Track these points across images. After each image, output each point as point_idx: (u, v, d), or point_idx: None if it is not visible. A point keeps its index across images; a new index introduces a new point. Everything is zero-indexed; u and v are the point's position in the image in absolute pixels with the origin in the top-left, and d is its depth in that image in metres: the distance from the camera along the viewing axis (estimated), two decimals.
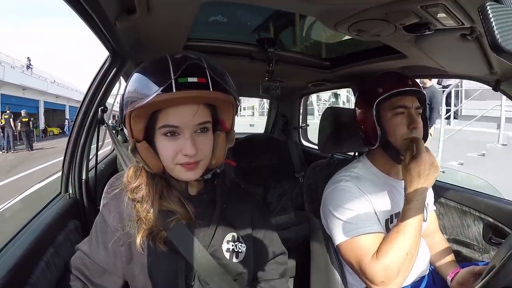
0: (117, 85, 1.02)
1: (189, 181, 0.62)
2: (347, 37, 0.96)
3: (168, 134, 0.55)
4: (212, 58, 0.58)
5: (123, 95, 0.57)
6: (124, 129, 0.59)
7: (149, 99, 0.50)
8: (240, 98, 0.62)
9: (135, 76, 0.56)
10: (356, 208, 0.82)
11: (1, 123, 11.81)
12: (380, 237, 0.79)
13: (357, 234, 0.79)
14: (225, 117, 0.61)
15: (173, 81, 0.50)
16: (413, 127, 0.83)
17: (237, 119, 0.66)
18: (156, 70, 0.54)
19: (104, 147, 1.12)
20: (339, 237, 0.83)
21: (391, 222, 0.86)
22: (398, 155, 0.85)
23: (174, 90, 0.50)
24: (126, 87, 0.58)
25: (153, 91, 0.50)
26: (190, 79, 0.51)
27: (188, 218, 0.60)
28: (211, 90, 0.52)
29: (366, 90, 0.92)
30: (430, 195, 1.01)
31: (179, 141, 0.55)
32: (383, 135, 0.86)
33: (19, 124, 11.68)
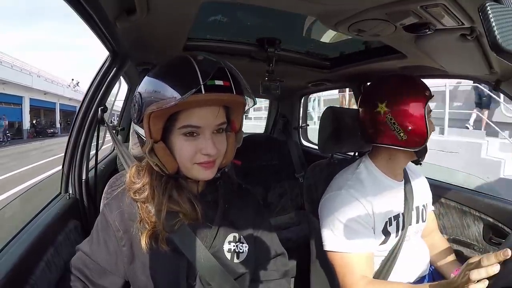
0: (117, 85, 1.02)
1: (199, 181, 0.63)
2: (347, 37, 0.96)
3: (188, 134, 0.56)
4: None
5: (140, 94, 0.57)
6: (139, 130, 0.59)
7: (181, 99, 0.50)
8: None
9: (157, 76, 0.56)
10: (350, 222, 0.82)
11: None
12: (367, 257, 0.82)
13: (345, 251, 0.82)
14: (235, 118, 0.62)
15: (202, 84, 0.52)
16: (433, 130, 0.86)
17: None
18: (182, 72, 0.55)
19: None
20: (328, 245, 0.85)
21: (390, 225, 0.86)
22: (425, 153, 0.88)
23: (203, 92, 0.51)
24: (141, 86, 0.57)
25: (182, 92, 0.51)
26: (217, 82, 0.53)
27: (196, 218, 0.60)
28: (234, 93, 0.54)
29: (409, 91, 0.86)
30: (429, 196, 1.01)
31: (199, 141, 0.56)
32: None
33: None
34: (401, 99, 0.86)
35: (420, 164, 0.90)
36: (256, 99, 0.75)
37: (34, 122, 20.17)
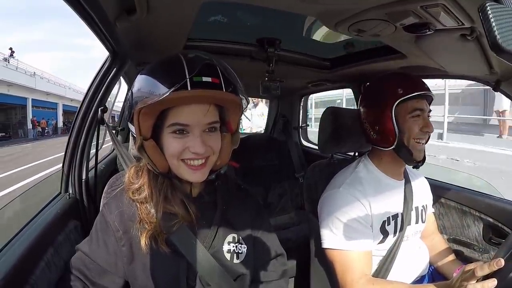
0: (117, 85, 1.02)
1: (193, 183, 0.62)
2: (347, 36, 0.96)
3: (177, 132, 0.55)
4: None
5: (131, 92, 0.57)
6: (131, 127, 0.59)
7: (165, 95, 0.50)
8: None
9: (147, 73, 0.56)
10: (348, 220, 0.82)
11: None
12: (366, 256, 0.82)
13: (344, 249, 0.81)
14: (231, 118, 0.61)
15: (188, 79, 0.51)
16: (427, 130, 0.84)
17: None
18: (170, 68, 0.54)
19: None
20: (326, 243, 0.85)
21: (388, 224, 0.86)
22: (411, 156, 0.85)
23: (189, 89, 0.51)
24: (134, 84, 0.57)
25: (168, 88, 0.50)
26: (204, 79, 0.52)
27: (190, 220, 0.60)
28: (224, 90, 0.53)
29: (380, 90, 0.89)
30: (429, 197, 1.01)
31: (188, 139, 0.55)
32: (399, 136, 0.84)
33: None
34: (369, 100, 0.92)
35: (418, 168, 0.89)
36: None
37: (64, 121, 26.87)
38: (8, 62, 17.51)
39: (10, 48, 18.71)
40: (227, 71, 0.55)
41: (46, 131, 22.31)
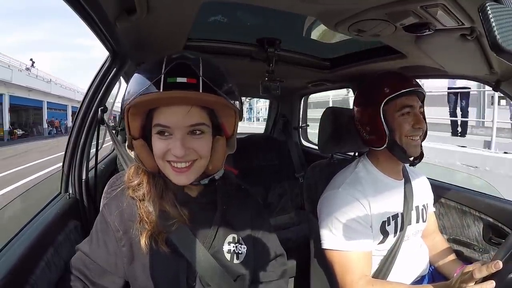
0: (117, 85, 1.02)
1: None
2: (347, 36, 0.96)
3: (160, 133, 0.55)
4: (213, 58, 0.58)
5: (125, 92, 0.58)
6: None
7: (134, 96, 0.51)
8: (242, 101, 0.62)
9: (138, 73, 0.57)
10: (348, 221, 0.82)
11: None
12: (366, 256, 0.82)
13: (344, 250, 0.81)
14: (225, 121, 0.59)
15: (161, 80, 0.50)
16: (419, 127, 0.83)
17: None
18: (150, 69, 0.55)
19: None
20: (326, 243, 0.85)
21: (388, 225, 0.86)
22: (405, 154, 0.84)
23: (161, 89, 0.51)
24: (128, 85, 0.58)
25: (143, 89, 0.51)
26: (179, 79, 0.51)
27: (182, 221, 0.60)
28: (200, 91, 0.51)
29: (369, 90, 0.90)
30: (429, 196, 1.01)
31: (170, 141, 0.55)
32: (390, 135, 0.84)
33: None
34: (359, 101, 0.92)
35: (414, 165, 0.90)
36: None
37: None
38: (30, 71, 21.27)
39: (31, 59, 22.55)
40: (211, 71, 0.54)
41: (59, 130, 26.47)
